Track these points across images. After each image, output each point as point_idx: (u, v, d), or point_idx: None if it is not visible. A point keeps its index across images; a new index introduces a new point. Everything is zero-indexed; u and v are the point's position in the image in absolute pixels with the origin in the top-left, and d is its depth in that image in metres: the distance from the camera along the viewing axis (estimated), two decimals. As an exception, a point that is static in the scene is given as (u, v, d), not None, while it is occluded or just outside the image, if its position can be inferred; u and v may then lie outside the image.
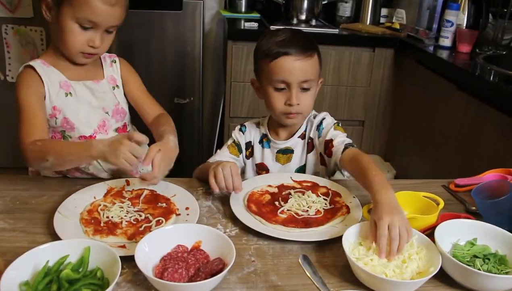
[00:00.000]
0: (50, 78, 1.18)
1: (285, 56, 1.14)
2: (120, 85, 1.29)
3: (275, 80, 1.16)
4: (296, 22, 2.47)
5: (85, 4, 1.07)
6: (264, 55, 1.17)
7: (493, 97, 1.64)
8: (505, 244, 0.89)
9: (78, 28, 1.11)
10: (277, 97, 1.18)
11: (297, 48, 1.14)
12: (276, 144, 1.28)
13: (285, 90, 1.17)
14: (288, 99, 1.17)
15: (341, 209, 1.04)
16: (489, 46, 2.07)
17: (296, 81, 1.15)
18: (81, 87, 1.22)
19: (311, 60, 1.16)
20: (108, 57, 1.30)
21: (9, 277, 0.72)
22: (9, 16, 2.56)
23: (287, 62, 1.14)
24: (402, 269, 0.82)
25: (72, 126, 1.21)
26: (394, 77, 2.41)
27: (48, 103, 1.18)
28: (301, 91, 1.17)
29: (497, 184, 1.05)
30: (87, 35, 1.12)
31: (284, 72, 1.15)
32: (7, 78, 2.65)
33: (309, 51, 1.16)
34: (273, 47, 1.15)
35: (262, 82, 1.22)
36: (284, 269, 0.86)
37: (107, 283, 0.75)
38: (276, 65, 1.15)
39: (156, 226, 0.95)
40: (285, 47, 1.14)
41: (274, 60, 1.15)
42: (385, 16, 2.67)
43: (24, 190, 1.09)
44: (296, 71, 1.14)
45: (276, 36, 1.18)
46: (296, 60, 1.14)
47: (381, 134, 2.55)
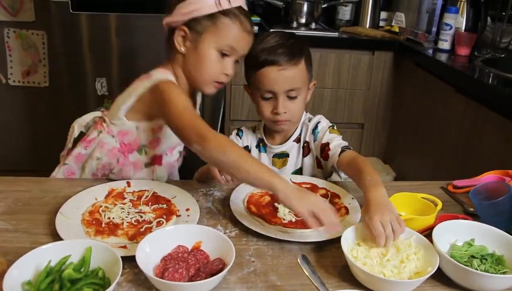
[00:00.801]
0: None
1: (270, 66, 1.14)
2: None
3: (261, 89, 1.17)
4: (296, 26, 2.49)
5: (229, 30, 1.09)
6: (251, 64, 1.17)
7: (492, 100, 1.65)
8: (502, 244, 0.90)
9: (217, 56, 1.12)
10: (264, 105, 1.19)
11: (282, 57, 1.13)
12: (271, 149, 1.29)
13: (272, 99, 1.18)
14: (275, 108, 1.17)
15: (340, 210, 1.05)
16: (488, 49, 2.08)
17: (281, 91, 1.15)
18: None
19: (297, 68, 1.15)
20: None
21: (11, 277, 0.72)
22: (11, 20, 2.58)
23: (272, 72, 1.14)
24: (400, 269, 0.83)
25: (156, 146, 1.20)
26: (393, 80, 2.42)
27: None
28: (288, 100, 1.17)
29: (495, 185, 1.05)
30: (224, 62, 1.13)
31: (269, 82, 1.15)
32: (9, 81, 2.67)
33: (294, 59, 1.15)
34: (259, 55, 1.15)
35: (251, 89, 1.23)
36: (284, 269, 0.87)
37: (109, 283, 0.75)
38: (261, 75, 1.15)
39: (156, 227, 0.96)
40: (270, 56, 1.14)
41: (260, 70, 1.15)
42: (384, 20, 2.69)
43: (26, 191, 1.10)
44: (281, 81, 1.14)
45: (264, 43, 1.17)
46: (281, 69, 1.13)
47: (380, 137, 2.56)
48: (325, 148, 1.20)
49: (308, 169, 1.28)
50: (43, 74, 2.67)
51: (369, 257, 0.86)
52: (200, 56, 1.12)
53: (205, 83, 1.16)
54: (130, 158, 1.20)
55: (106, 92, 2.28)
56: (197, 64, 1.13)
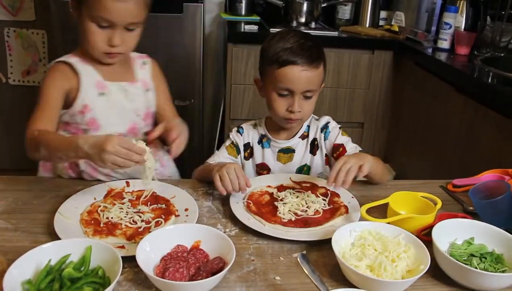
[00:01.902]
0: (87, 75, 1.18)
1: (292, 66, 1.14)
2: (151, 88, 1.28)
3: (279, 87, 1.18)
4: (296, 25, 2.49)
5: (98, 3, 1.07)
6: (271, 60, 1.17)
7: (491, 99, 1.65)
8: (502, 243, 0.90)
9: (95, 28, 1.10)
10: (279, 102, 1.20)
11: (304, 59, 1.15)
12: (277, 144, 1.30)
13: (288, 97, 1.19)
14: (290, 106, 1.18)
15: (339, 209, 1.05)
16: (487, 48, 2.08)
17: (300, 91, 1.17)
18: (116, 89, 1.21)
19: (317, 70, 1.18)
20: (139, 58, 1.29)
21: (11, 276, 0.73)
22: (11, 20, 2.58)
23: (293, 72, 1.15)
24: (392, 268, 0.83)
25: (98, 127, 1.20)
26: (393, 79, 2.43)
27: (80, 100, 1.17)
28: (304, 99, 1.19)
29: (494, 184, 1.05)
30: (106, 34, 1.11)
31: (289, 81, 1.16)
32: (9, 80, 2.67)
33: (316, 62, 1.16)
34: (281, 53, 1.15)
35: (265, 84, 1.23)
36: (283, 268, 0.87)
37: (109, 282, 0.76)
38: (282, 73, 1.16)
39: (155, 227, 0.96)
40: (293, 56, 1.14)
41: (281, 67, 1.15)
42: (384, 19, 2.69)
43: (26, 190, 1.10)
44: (301, 81, 1.16)
45: (285, 41, 1.17)
46: (302, 70, 1.15)
47: (380, 136, 2.56)
48: (340, 149, 1.26)
49: (317, 166, 1.31)
50: (43, 74, 2.67)
51: (361, 259, 0.85)
52: (82, 29, 1.12)
53: (96, 55, 1.16)
54: None
55: (106, 91, 2.28)
56: (83, 36, 1.14)
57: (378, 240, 0.90)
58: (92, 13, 1.08)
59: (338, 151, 1.27)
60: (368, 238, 0.90)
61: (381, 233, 0.91)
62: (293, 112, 1.18)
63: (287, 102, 1.19)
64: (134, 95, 1.24)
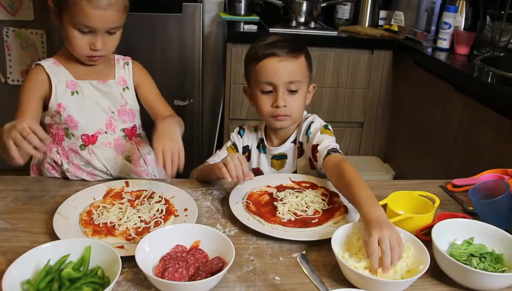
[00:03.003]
0: (58, 77, 1.20)
1: (270, 57, 1.15)
2: (131, 87, 1.29)
3: (261, 82, 1.17)
4: (295, 25, 2.49)
5: (79, 11, 1.08)
6: (251, 59, 1.18)
7: (491, 99, 1.65)
8: (501, 243, 0.90)
9: (77, 34, 1.12)
10: (264, 100, 1.19)
11: (282, 49, 1.15)
12: (270, 150, 1.29)
13: (272, 93, 1.18)
14: (275, 101, 1.17)
15: (339, 209, 1.05)
16: (487, 48, 2.08)
17: (282, 82, 1.16)
18: (88, 86, 1.23)
19: (297, 61, 1.17)
20: (122, 59, 1.31)
21: (11, 276, 0.73)
22: (10, 19, 2.58)
23: (272, 63, 1.15)
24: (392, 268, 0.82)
25: (76, 124, 1.22)
26: (392, 79, 2.43)
27: (53, 100, 1.19)
28: (288, 94, 1.18)
29: (494, 183, 1.05)
30: (87, 39, 1.13)
31: (269, 73, 1.15)
32: (8, 80, 2.67)
33: (295, 52, 1.16)
34: (259, 49, 1.17)
35: (251, 87, 1.23)
36: (283, 268, 0.87)
37: (108, 282, 0.76)
38: (261, 67, 1.16)
39: (154, 227, 0.96)
40: (270, 49, 1.15)
41: (260, 62, 1.16)
42: (383, 19, 2.69)
43: (25, 190, 1.10)
44: (281, 71, 1.15)
45: (263, 41, 1.19)
46: (281, 60, 1.15)
47: (380, 136, 2.56)
48: (315, 149, 1.18)
49: (301, 171, 1.27)
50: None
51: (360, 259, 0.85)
52: (64, 34, 1.15)
53: (79, 58, 1.19)
54: (65, 144, 1.23)
55: (105, 91, 2.28)
56: (65, 41, 1.16)
57: None
58: (74, 20, 1.10)
59: (314, 152, 1.18)
60: None
61: None
62: (278, 106, 1.17)
63: (272, 99, 1.18)
64: (105, 93, 1.25)
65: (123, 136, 1.28)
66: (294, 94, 1.18)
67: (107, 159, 1.24)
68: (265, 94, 1.18)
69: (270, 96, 1.18)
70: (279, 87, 1.16)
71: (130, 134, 1.30)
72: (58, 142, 1.24)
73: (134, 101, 1.30)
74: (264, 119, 1.25)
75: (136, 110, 1.31)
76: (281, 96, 1.16)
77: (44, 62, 1.22)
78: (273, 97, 1.18)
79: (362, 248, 0.87)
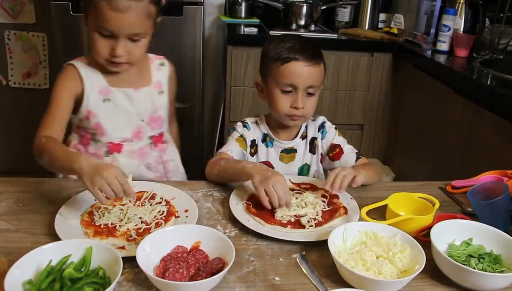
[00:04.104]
0: (91, 82, 1.20)
1: (295, 62, 1.19)
2: (165, 90, 1.30)
3: (283, 83, 1.21)
4: (295, 28, 2.50)
5: (99, 13, 1.08)
6: (275, 59, 1.21)
7: (490, 101, 1.66)
8: (500, 243, 0.90)
9: (98, 36, 1.12)
10: (283, 99, 1.22)
11: (306, 55, 1.20)
12: (280, 144, 1.31)
13: (292, 94, 1.22)
14: (294, 102, 1.21)
15: (338, 210, 1.06)
16: (486, 50, 2.09)
17: (303, 86, 1.20)
18: (121, 95, 1.23)
19: (318, 67, 1.22)
20: (156, 59, 1.30)
21: (13, 276, 0.73)
22: (12, 22, 2.59)
23: (296, 67, 1.19)
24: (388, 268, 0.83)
25: (103, 132, 1.22)
26: (392, 81, 2.43)
27: (84, 106, 1.20)
28: (306, 96, 1.22)
29: (493, 185, 1.06)
30: (109, 43, 1.12)
31: (293, 76, 1.20)
32: (10, 83, 2.68)
33: (317, 59, 1.21)
34: (284, 52, 1.20)
35: (268, 84, 1.25)
36: (283, 268, 0.88)
37: (109, 282, 0.76)
38: (286, 69, 1.20)
39: (155, 228, 0.97)
40: (295, 53, 1.19)
41: (284, 64, 1.20)
42: (383, 21, 2.70)
43: (27, 192, 1.10)
44: (304, 76, 1.20)
45: (285, 42, 1.22)
46: (305, 66, 1.19)
47: (379, 138, 2.57)
48: (336, 149, 1.31)
49: (315, 164, 1.34)
50: (43, 76, 2.68)
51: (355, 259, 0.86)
52: (90, 37, 1.14)
53: (100, 62, 1.17)
54: (91, 149, 1.24)
55: (106, 94, 2.29)
56: (91, 45, 1.15)
57: (374, 240, 0.90)
58: (95, 23, 1.10)
59: (334, 151, 1.31)
60: (364, 238, 0.90)
61: (378, 233, 0.92)
62: (297, 108, 1.21)
63: (291, 99, 1.22)
64: (139, 100, 1.25)
65: (149, 143, 1.28)
66: (310, 96, 1.24)
67: (129, 167, 1.24)
68: (285, 94, 1.23)
69: (289, 96, 1.23)
70: (299, 90, 1.21)
71: (157, 141, 1.31)
72: (84, 145, 1.24)
73: (165, 107, 1.30)
74: (278, 117, 1.27)
75: (165, 116, 1.32)
76: (300, 98, 1.21)
77: (78, 62, 1.21)
78: (291, 98, 1.22)
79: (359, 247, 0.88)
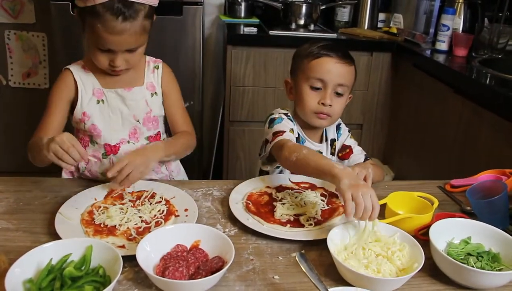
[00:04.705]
0: (85, 85, 1.21)
1: (327, 57, 1.21)
2: (159, 93, 1.29)
3: (312, 78, 1.22)
4: (295, 27, 2.50)
5: (96, 34, 1.09)
6: (306, 55, 1.23)
7: (489, 100, 1.66)
8: (498, 242, 0.91)
9: (97, 51, 1.13)
10: (311, 95, 1.24)
11: (338, 53, 1.22)
12: (313, 146, 1.32)
13: (320, 91, 1.23)
14: (322, 99, 1.22)
15: (338, 209, 1.06)
16: (485, 50, 2.09)
17: (332, 83, 1.21)
18: (113, 95, 1.23)
19: (349, 67, 1.24)
20: (153, 62, 1.30)
21: (13, 275, 0.74)
22: (12, 22, 2.59)
23: (327, 63, 1.21)
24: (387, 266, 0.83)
25: (99, 133, 1.22)
26: (391, 80, 2.44)
27: (79, 108, 1.21)
28: (335, 95, 1.23)
29: (491, 184, 1.06)
30: (108, 56, 1.14)
31: (323, 71, 1.21)
32: (10, 83, 2.68)
33: (348, 59, 1.24)
34: (316, 49, 1.23)
35: (297, 81, 1.26)
36: (282, 267, 0.88)
37: (109, 281, 0.77)
38: (317, 64, 1.22)
39: (155, 227, 0.97)
40: (327, 50, 1.22)
41: (316, 59, 1.22)
42: (382, 21, 2.70)
43: (27, 191, 1.11)
44: (334, 72, 1.21)
45: (319, 42, 1.25)
46: (336, 62, 1.21)
47: (379, 138, 2.57)
48: (346, 149, 1.36)
49: None
50: (43, 76, 2.68)
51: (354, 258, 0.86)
52: (89, 48, 1.15)
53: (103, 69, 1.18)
54: (89, 151, 1.24)
55: (106, 93, 2.29)
56: (90, 53, 1.16)
57: (373, 238, 0.91)
58: (92, 40, 1.11)
59: (344, 151, 1.35)
60: (363, 237, 0.91)
61: (377, 232, 0.92)
62: (325, 105, 1.22)
63: (319, 96, 1.23)
64: (131, 101, 1.24)
65: (147, 144, 1.28)
66: (339, 96, 1.24)
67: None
68: (313, 90, 1.23)
69: (317, 93, 1.23)
70: (328, 87, 1.22)
71: (155, 141, 1.29)
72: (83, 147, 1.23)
73: (160, 108, 1.30)
74: (304, 114, 1.27)
75: (161, 117, 1.31)
76: (329, 95, 1.22)
77: (73, 66, 1.23)
78: (320, 95, 1.23)
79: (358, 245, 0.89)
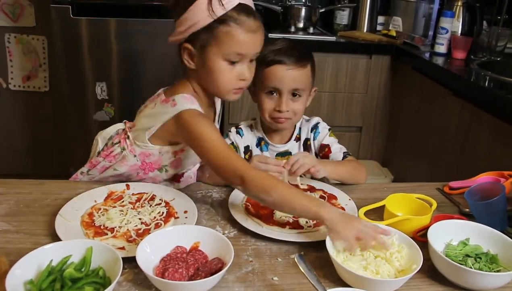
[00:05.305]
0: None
1: (278, 65, 1.19)
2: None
3: (266, 86, 1.22)
4: (294, 30, 2.51)
5: (230, 38, 1.02)
6: (260, 62, 1.19)
7: (487, 103, 1.67)
8: (497, 243, 0.91)
9: (227, 65, 1.06)
10: (267, 102, 1.24)
11: (290, 58, 1.19)
12: (275, 148, 1.32)
13: (276, 97, 1.23)
14: (278, 106, 1.22)
15: (337, 211, 1.06)
16: (484, 52, 2.10)
17: (286, 89, 1.21)
18: None
19: (304, 70, 1.22)
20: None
21: (14, 276, 0.74)
22: (12, 26, 2.60)
23: (279, 71, 1.20)
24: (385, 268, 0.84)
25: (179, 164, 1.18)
26: (390, 83, 2.44)
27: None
28: (291, 98, 1.23)
29: (490, 185, 1.07)
30: (236, 70, 1.07)
31: (276, 79, 1.20)
32: (10, 86, 2.69)
33: (302, 62, 1.21)
34: (269, 54, 1.20)
35: (256, 86, 1.26)
36: (281, 268, 0.88)
37: (109, 282, 0.77)
38: (269, 72, 1.20)
39: (154, 229, 0.97)
40: (279, 56, 1.20)
41: (268, 67, 1.20)
42: (381, 24, 2.71)
43: (28, 193, 1.11)
44: (287, 79, 1.20)
45: (273, 45, 1.23)
46: (288, 69, 1.19)
47: (378, 140, 2.58)
48: (325, 149, 1.30)
49: None
50: (43, 79, 2.69)
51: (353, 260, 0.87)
52: (210, 70, 1.06)
53: (224, 93, 1.11)
54: (150, 174, 1.19)
55: (106, 96, 2.30)
56: (209, 78, 1.08)
57: None
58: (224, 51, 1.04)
59: (324, 150, 1.31)
60: None
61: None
62: (281, 111, 1.22)
63: (275, 102, 1.23)
64: None
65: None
66: (296, 99, 1.24)
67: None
68: (269, 97, 1.24)
69: (273, 99, 1.23)
70: (283, 94, 1.21)
71: None
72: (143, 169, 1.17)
73: None
74: (264, 119, 1.28)
75: None
76: (284, 101, 1.22)
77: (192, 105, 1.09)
78: (276, 101, 1.23)
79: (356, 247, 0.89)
